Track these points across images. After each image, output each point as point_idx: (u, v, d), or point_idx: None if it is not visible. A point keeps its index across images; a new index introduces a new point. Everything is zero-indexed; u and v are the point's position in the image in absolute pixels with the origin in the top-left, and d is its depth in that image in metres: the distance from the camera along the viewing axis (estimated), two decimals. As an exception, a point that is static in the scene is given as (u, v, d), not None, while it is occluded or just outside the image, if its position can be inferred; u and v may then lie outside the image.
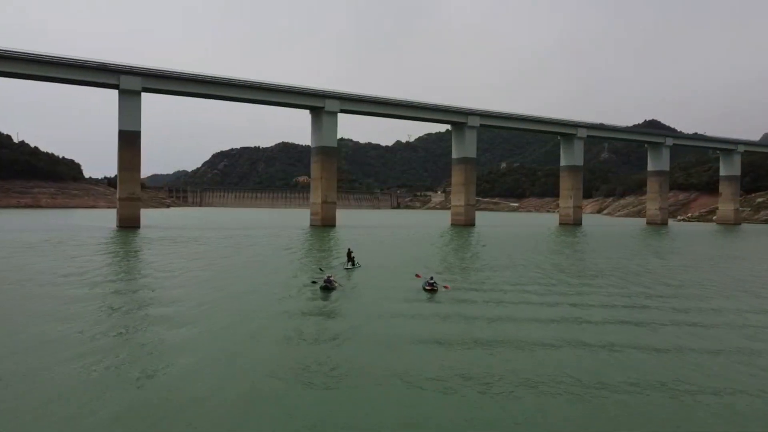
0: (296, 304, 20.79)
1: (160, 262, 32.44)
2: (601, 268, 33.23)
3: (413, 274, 28.79)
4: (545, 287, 25.32)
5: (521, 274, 29.82)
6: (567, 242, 58.09)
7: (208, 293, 21.92)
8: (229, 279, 26.18)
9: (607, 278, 28.80)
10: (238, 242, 48.61)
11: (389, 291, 24.10)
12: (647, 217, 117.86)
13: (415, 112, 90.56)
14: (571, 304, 21.15)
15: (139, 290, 22.51)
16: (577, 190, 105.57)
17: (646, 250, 49.63)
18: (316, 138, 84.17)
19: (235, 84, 76.66)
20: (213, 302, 20.08)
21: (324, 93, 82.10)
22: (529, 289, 24.61)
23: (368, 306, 20.72)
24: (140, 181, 74.19)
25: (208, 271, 28.74)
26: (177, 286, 23.57)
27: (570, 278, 28.47)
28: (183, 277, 26.62)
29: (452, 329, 16.86)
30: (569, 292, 24.13)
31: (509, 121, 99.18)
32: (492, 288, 25.03)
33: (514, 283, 26.61)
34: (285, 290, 23.50)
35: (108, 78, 69.40)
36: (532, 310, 20.02)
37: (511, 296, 22.91)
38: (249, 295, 22.11)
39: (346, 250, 34.33)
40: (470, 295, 23.27)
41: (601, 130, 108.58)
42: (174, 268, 29.47)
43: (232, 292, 22.34)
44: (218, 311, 18.56)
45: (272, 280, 26.28)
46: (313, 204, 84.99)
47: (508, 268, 32.90)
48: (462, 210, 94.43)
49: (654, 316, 18.98)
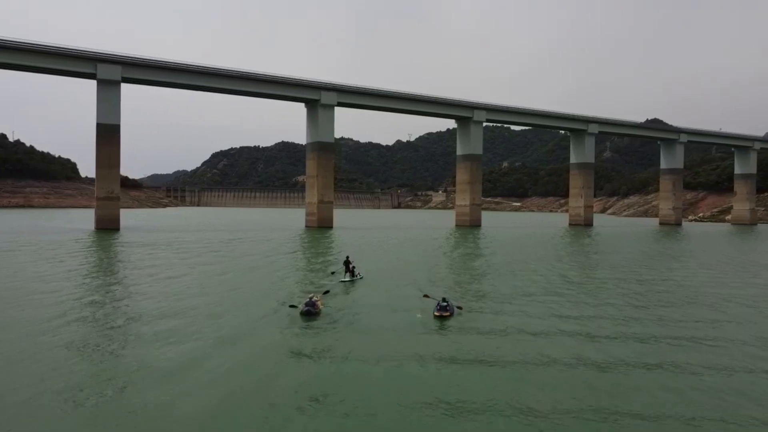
0: (263, 339, 14.46)
1: (109, 277, 25.98)
2: (656, 290, 26.77)
3: (421, 291, 22.45)
4: (581, 310, 19.06)
5: (546, 289, 23.76)
6: (585, 247, 51.56)
7: (141, 332, 15.44)
8: (180, 303, 19.70)
9: (671, 308, 22.34)
10: (218, 248, 42.15)
11: (391, 317, 17.96)
12: (660, 217, 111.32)
13: (417, 105, 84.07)
14: (634, 336, 14.71)
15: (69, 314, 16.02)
16: (588, 189, 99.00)
17: (688, 259, 43.13)
18: (312, 133, 77.69)
19: (225, 74, 70.18)
20: (143, 343, 13.62)
21: (320, 84, 75.63)
22: (562, 312, 18.62)
23: (362, 342, 14.74)
24: (119, 179, 67.80)
25: (155, 297, 22.25)
26: (101, 322, 17.07)
27: (615, 299, 22.01)
28: (112, 311, 20.15)
29: (474, 382, 10.76)
30: (616, 316, 17.89)
31: (517, 116, 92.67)
32: (516, 310, 19.24)
33: (541, 301, 20.68)
34: (251, 319, 17.09)
35: (84, 67, 62.98)
36: (568, 344, 13.95)
37: (541, 324, 16.95)
38: (200, 327, 15.64)
39: (344, 259, 28.01)
40: (491, 322, 17.41)
41: (613, 125, 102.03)
42: (119, 294, 22.99)
43: (172, 332, 15.82)
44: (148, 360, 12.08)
45: (238, 303, 19.80)
46: (309, 204, 78.53)
47: (529, 280, 26.60)
48: (467, 210, 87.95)
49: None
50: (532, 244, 52.60)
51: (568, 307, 20.03)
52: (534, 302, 20.85)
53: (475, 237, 61.46)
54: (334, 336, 15.36)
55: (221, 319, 17.01)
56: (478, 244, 50.77)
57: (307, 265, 32.36)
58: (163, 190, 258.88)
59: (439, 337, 15.48)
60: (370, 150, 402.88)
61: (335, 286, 24.17)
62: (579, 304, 20.54)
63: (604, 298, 22.00)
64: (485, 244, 50.57)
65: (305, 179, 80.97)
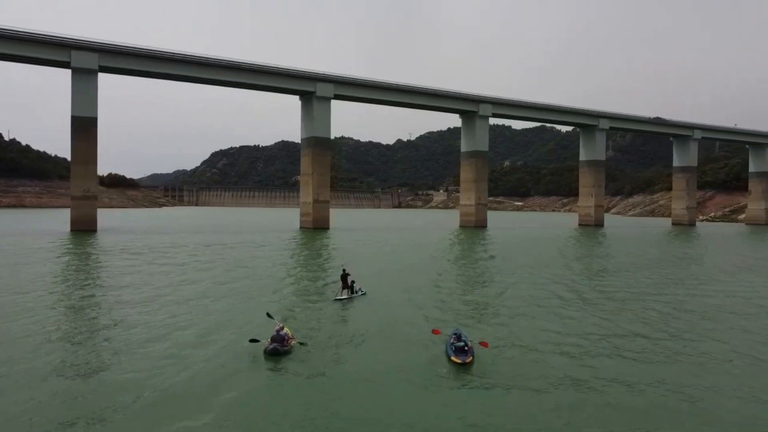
0: (199, 400, 8.81)
1: (42, 297, 20.13)
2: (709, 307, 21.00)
3: (428, 320, 16.74)
4: (626, 343, 13.26)
5: (579, 311, 18.07)
6: (603, 250, 45.66)
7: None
8: (124, 333, 13.88)
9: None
10: (196, 254, 36.32)
11: (393, 356, 12.32)
12: (672, 217, 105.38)
13: (420, 99, 78.14)
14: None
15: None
16: (599, 187, 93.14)
17: (741, 270, 37.29)
18: (307, 128, 71.82)
19: (211, 64, 64.30)
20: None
21: (315, 75, 69.75)
22: (605, 349, 12.78)
23: (346, 403, 9.67)
24: (97, 177, 61.95)
25: (77, 332, 16.45)
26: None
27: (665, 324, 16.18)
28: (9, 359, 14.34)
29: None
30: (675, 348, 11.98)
31: (524, 111, 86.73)
32: (558, 348, 13.58)
33: (585, 334, 14.98)
34: (198, 361, 11.40)
35: (57, 54, 57.09)
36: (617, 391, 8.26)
37: (596, 369, 11.28)
38: (114, 388, 9.80)
39: (341, 272, 22.43)
40: (530, 368, 11.81)
41: (625, 121, 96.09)
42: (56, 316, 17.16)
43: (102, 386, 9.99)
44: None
45: (190, 338, 14.00)
46: (303, 203, 72.66)
47: (563, 300, 20.89)
48: (472, 210, 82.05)
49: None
50: (546, 248, 46.76)
51: (628, 342, 14.20)
52: (574, 333, 15.08)
53: (482, 240, 55.63)
54: (307, 390, 9.70)
55: (159, 364, 11.24)
56: (488, 249, 44.89)
57: (295, 281, 26.46)
58: (160, 190, 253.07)
59: (457, 397, 9.78)
60: (370, 149, 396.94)
61: (329, 306, 18.50)
62: (642, 341, 14.71)
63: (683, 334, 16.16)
64: (495, 248, 44.67)
65: (300, 177, 75.09)
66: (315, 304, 19.39)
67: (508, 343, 14.24)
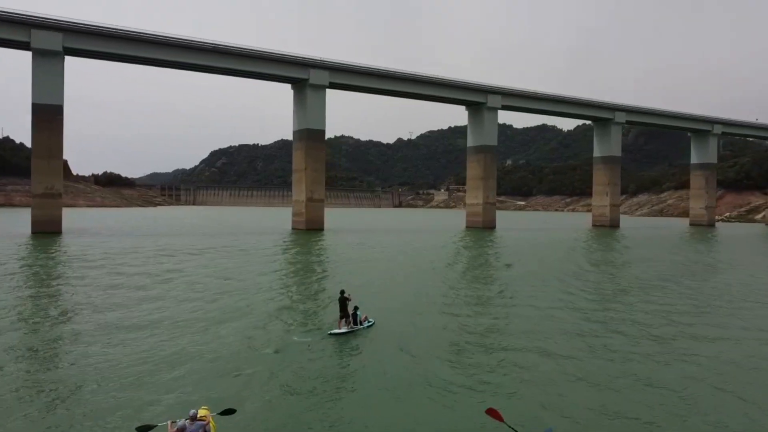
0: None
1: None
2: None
3: (482, 395, 9.17)
4: None
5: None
6: (631, 256, 38.33)
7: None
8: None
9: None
10: (168, 262, 29.08)
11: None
12: (691, 217, 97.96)
13: (423, 88, 70.78)
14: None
15: None
16: (614, 185, 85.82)
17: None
18: (300, 119, 64.53)
19: (194, 47, 56.96)
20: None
21: (308, 61, 62.45)
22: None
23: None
24: (62, 172, 54.75)
25: None
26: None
27: None
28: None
29: None
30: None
31: (536, 102, 79.40)
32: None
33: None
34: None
35: (14, 33, 49.77)
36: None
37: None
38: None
39: (338, 295, 15.42)
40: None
41: (642, 114, 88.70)
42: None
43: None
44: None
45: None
46: (296, 202, 65.37)
47: (610, 330, 13.75)
48: (480, 210, 74.76)
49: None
50: (568, 255, 39.51)
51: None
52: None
53: (492, 243, 48.37)
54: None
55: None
56: (500, 254, 37.57)
57: (270, 304, 19.19)
58: (157, 189, 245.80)
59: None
60: (370, 148, 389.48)
61: (319, 343, 11.37)
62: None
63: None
64: (509, 254, 37.26)
65: (292, 174, 67.84)
66: (298, 342, 12.27)
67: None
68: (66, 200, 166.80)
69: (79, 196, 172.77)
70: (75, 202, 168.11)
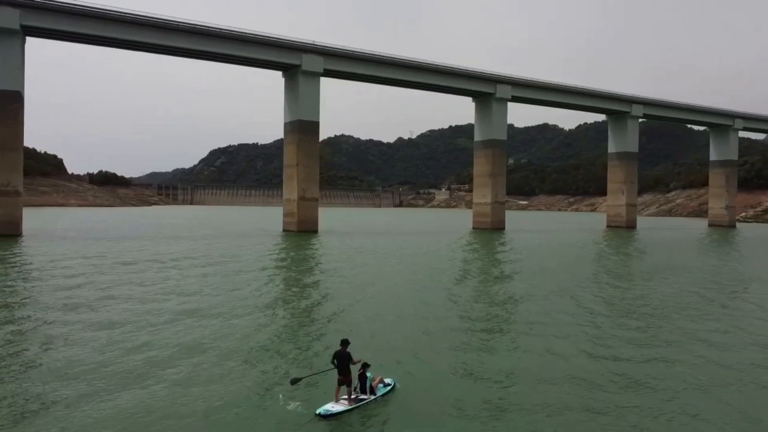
0: None
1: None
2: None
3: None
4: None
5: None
6: (662, 261, 31.55)
7: None
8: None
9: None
10: (129, 278, 22.39)
11: None
12: (710, 217, 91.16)
13: (427, 77, 63.99)
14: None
15: None
16: (631, 183, 79.14)
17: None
18: (291, 109, 57.79)
19: (172, 27, 50.15)
20: None
21: (301, 45, 55.73)
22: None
23: None
24: (21, 167, 47.82)
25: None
26: None
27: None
28: None
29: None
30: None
31: (548, 93, 72.65)
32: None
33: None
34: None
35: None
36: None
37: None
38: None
39: (338, 348, 9.16)
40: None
41: (661, 107, 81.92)
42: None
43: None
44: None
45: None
46: (287, 201, 58.63)
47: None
48: (488, 210, 67.99)
49: None
50: (596, 262, 32.81)
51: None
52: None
53: (504, 247, 41.63)
54: None
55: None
56: (518, 263, 30.76)
57: (231, 360, 12.41)
58: (154, 188, 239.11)
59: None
60: (370, 147, 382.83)
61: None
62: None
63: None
64: (528, 263, 30.46)
65: (283, 170, 61.02)
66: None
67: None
68: (57, 199, 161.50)
69: (71, 196, 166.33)
70: (66, 201, 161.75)
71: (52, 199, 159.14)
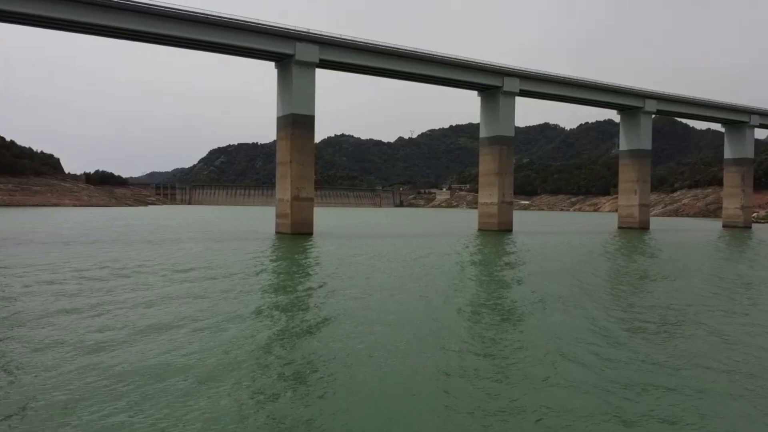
0: None
1: None
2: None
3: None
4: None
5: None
6: (691, 265, 26.88)
7: None
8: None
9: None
10: (87, 294, 17.73)
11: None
12: (724, 218, 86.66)
13: (429, 68, 59.46)
14: None
15: None
16: (644, 182, 74.59)
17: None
18: (284, 102, 53.32)
19: (146, 11, 45.48)
20: None
21: (294, 33, 51.22)
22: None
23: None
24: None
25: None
26: None
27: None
28: None
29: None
30: None
31: (558, 87, 68.08)
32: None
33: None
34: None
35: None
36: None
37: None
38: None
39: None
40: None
41: (676, 103, 77.42)
42: None
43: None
44: None
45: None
46: (280, 201, 54.14)
47: None
48: (494, 210, 63.51)
49: None
50: (617, 270, 28.18)
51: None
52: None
53: (514, 251, 36.99)
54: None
55: None
56: (536, 270, 26.02)
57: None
58: (152, 188, 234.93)
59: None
60: (371, 147, 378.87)
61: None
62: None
63: None
64: (547, 271, 25.71)
65: (276, 168, 56.45)
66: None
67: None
68: (51, 199, 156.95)
69: (65, 195, 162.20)
70: (60, 201, 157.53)
71: (45, 198, 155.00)
